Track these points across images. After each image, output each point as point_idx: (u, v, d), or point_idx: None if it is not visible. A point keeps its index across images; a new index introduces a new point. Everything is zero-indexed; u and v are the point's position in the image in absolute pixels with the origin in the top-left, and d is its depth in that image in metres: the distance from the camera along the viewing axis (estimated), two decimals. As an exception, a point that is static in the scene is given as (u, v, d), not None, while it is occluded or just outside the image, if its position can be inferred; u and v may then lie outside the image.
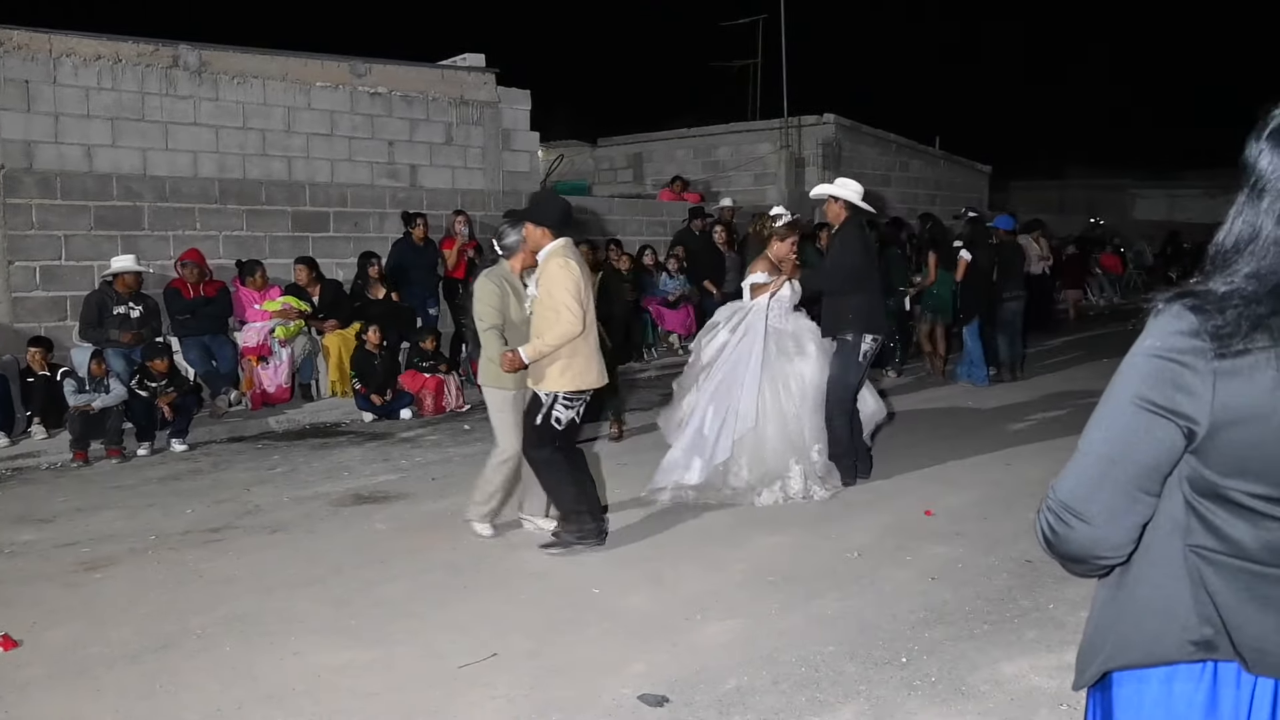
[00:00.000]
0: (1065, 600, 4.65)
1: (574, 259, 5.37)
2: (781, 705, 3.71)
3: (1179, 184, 29.54)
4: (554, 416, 5.39)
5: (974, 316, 10.78)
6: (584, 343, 5.38)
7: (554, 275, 5.30)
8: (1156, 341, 1.49)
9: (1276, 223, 1.47)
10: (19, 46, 9.55)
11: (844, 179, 7.19)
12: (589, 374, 5.44)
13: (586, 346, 5.41)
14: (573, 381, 5.38)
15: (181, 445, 8.34)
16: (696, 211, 13.71)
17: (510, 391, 5.63)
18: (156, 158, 10.38)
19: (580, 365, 5.38)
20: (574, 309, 5.24)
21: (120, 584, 5.19)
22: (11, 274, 9.35)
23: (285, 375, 9.82)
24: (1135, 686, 1.59)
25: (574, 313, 5.24)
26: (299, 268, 10.40)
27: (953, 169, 20.52)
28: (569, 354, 5.34)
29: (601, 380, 5.55)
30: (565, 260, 5.32)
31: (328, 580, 5.18)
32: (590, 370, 5.44)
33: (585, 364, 5.41)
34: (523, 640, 4.36)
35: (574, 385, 5.40)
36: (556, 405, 5.38)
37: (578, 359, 5.37)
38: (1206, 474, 1.49)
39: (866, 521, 6.03)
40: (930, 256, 11.29)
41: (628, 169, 19.70)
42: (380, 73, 11.94)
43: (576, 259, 5.40)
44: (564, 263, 5.30)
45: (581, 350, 5.38)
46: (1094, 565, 1.60)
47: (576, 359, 5.37)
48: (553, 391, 5.39)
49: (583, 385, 5.43)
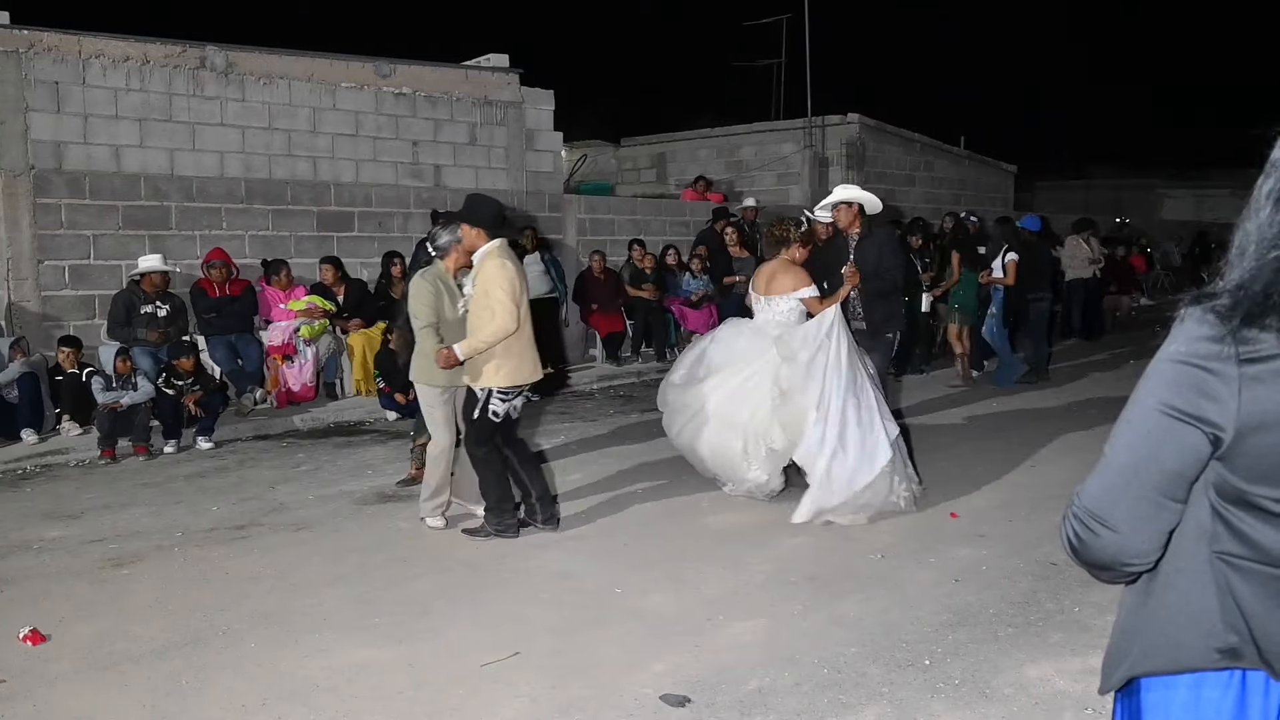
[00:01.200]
0: (1090, 603, 4.62)
1: (509, 259, 5.60)
2: (803, 707, 3.71)
3: (1207, 184, 29.26)
4: (490, 410, 5.61)
5: (1009, 318, 10.70)
6: (517, 339, 5.59)
7: (491, 274, 5.52)
8: (1181, 347, 1.48)
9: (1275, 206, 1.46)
10: (49, 48, 9.66)
11: (843, 186, 7.45)
12: (523, 369, 5.67)
13: (519, 343, 5.62)
14: (507, 377, 5.61)
15: (207, 443, 8.41)
16: (720, 212, 13.69)
17: (439, 388, 5.84)
18: (184, 158, 10.47)
19: (514, 361, 5.61)
20: (509, 307, 5.46)
21: (147, 580, 5.24)
22: (41, 273, 9.45)
23: (310, 374, 9.89)
24: (1162, 692, 1.58)
25: (509, 311, 5.46)
26: (324, 267, 10.47)
27: (977, 169, 20.40)
28: (503, 350, 5.56)
29: (536, 375, 5.76)
30: (502, 260, 5.55)
31: (351, 578, 5.21)
32: (524, 366, 5.67)
33: (519, 360, 5.63)
34: (545, 639, 4.37)
35: (508, 381, 5.62)
36: (492, 400, 5.60)
37: (511, 355, 5.59)
38: (1233, 480, 1.48)
39: (890, 523, 6.00)
40: (954, 256, 11.21)
41: (651, 169, 19.71)
42: (405, 73, 12.00)
43: (512, 259, 5.62)
44: (500, 263, 5.53)
45: (514, 347, 5.59)
46: (1120, 572, 1.59)
47: (510, 355, 5.59)
48: (488, 387, 5.60)
49: (517, 380, 5.66)
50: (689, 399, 6.60)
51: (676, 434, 6.73)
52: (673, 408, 6.76)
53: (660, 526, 6.02)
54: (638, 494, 6.73)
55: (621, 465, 7.57)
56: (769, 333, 6.52)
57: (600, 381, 11.50)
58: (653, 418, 9.13)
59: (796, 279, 6.57)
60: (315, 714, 3.74)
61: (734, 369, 6.48)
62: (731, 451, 6.34)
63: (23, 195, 9.35)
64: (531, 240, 11.82)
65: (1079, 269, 14.48)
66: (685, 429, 6.61)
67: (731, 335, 6.77)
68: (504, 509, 5.76)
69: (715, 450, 6.44)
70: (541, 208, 12.97)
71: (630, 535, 5.86)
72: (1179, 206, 29.07)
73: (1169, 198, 29.80)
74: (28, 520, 6.39)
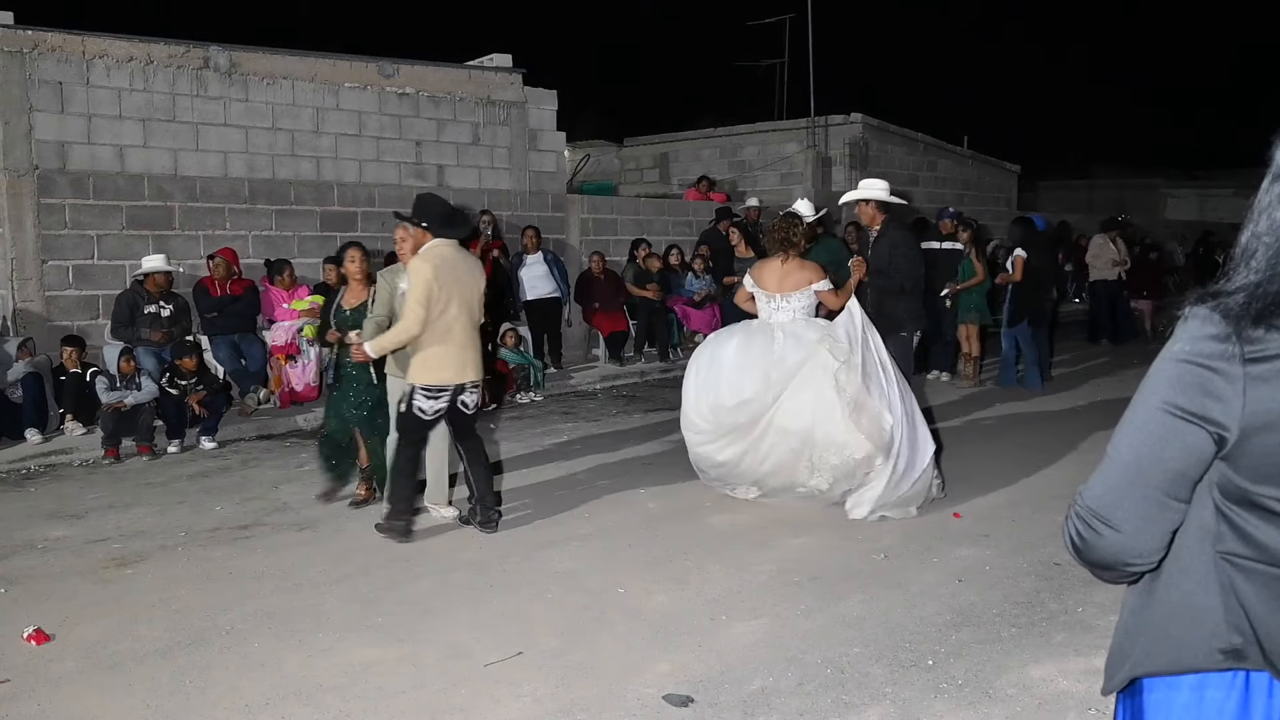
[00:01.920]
0: (1093, 604, 4.61)
1: (438, 262, 5.60)
2: (806, 707, 3.71)
3: (1210, 183, 29.21)
4: (415, 406, 5.69)
5: (1023, 319, 10.63)
6: (438, 340, 5.63)
7: (411, 275, 5.61)
8: (1185, 346, 1.47)
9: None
10: (53, 49, 9.68)
11: (868, 180, 7.27)
12: (445, 370, 5.68)
13: (443, 344, 5.64)
14: (428, 376, 5.67)
15: (211, 443, 8.42)
16: (723, 212, 13.69)
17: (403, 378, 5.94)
18: (187, 158, 10.49)
19: (435, 362, 5.65)
20: (416, 311, 5.52)
21: (151, 580, 5.24)
22: (45, 273, 9.47)
23: (313, 374, 9.89)
24: (1165, 693, 1.57)
25: (414, 315, 5.53)
26: (328, 267, 10.45)
27: (981, 168, 20.38)
28: (425, 350, 5.63)
29: (461, 377, 5.76)
30: (425, 263, 5.58)
31: (354, 578, 5.21)
32: (446, 367, 5.67)
33: (441, 361, 5.65)
34: (548, 639, 4.38)
35: (429, 380, 5.67)
36: (416, 396, 5.68)
37: (432, 356, 5.64)
38: (1237, 480, 1.47)
39: (893, 522, 6.00)
40: (975, 256, 11.10)
41: (654, 169, 19.71)
42: (408, 73, 12.01)
43: (443, 262, 5.63)
44: (422, 265, 5.57)
45: (430, 346, 5.62)
46: (1123, 572, 1.59)
47: (431, 356, 5.64)
48: (412, 383, 5.70)
49: (437, 381, 5.68)
50: (742, 417, 6.29)
51: (740, 455, 6.35)
52: (722, 430, 6.37)
53: (663, 527, 6.02)
54: (640, 494, 6.73)
55: (624, 465, 7.57)
56: (807, 335, 6.36)
57: (603, 381, 11.50)
58: (655, 418, 9.16)
59: (810, 273, 6.57)
60: (319, 713, 3.74)
61: (785, 377, 6.24)
62: (794, 460, 6.22)
63: (27, 195, 9.37)
64: (533, 241, 11.84)
65: (1103, 270, 14.05)
66: (749, 450, 6.30)
67: (763, 343, 6.47)
68: (399, 510, 5.81)
69: (779, 464, 6.27)
70: (544, 208, 12.97)
71: (633, 535, 5.86)
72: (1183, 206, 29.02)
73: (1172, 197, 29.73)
74: (32, 520, 6.40)
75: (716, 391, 6.44)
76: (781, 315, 6.54)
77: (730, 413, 6.34)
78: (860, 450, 6.04)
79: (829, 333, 6.34)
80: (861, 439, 6.02)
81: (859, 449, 6.04)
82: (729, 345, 6.62)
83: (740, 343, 6.57)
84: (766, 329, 6.56)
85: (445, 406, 5.77)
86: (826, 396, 6.11)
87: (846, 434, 6.05)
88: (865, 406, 6.06)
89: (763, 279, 6.64)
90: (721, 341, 6.75)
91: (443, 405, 5.75)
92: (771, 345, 6.42)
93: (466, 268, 5.79)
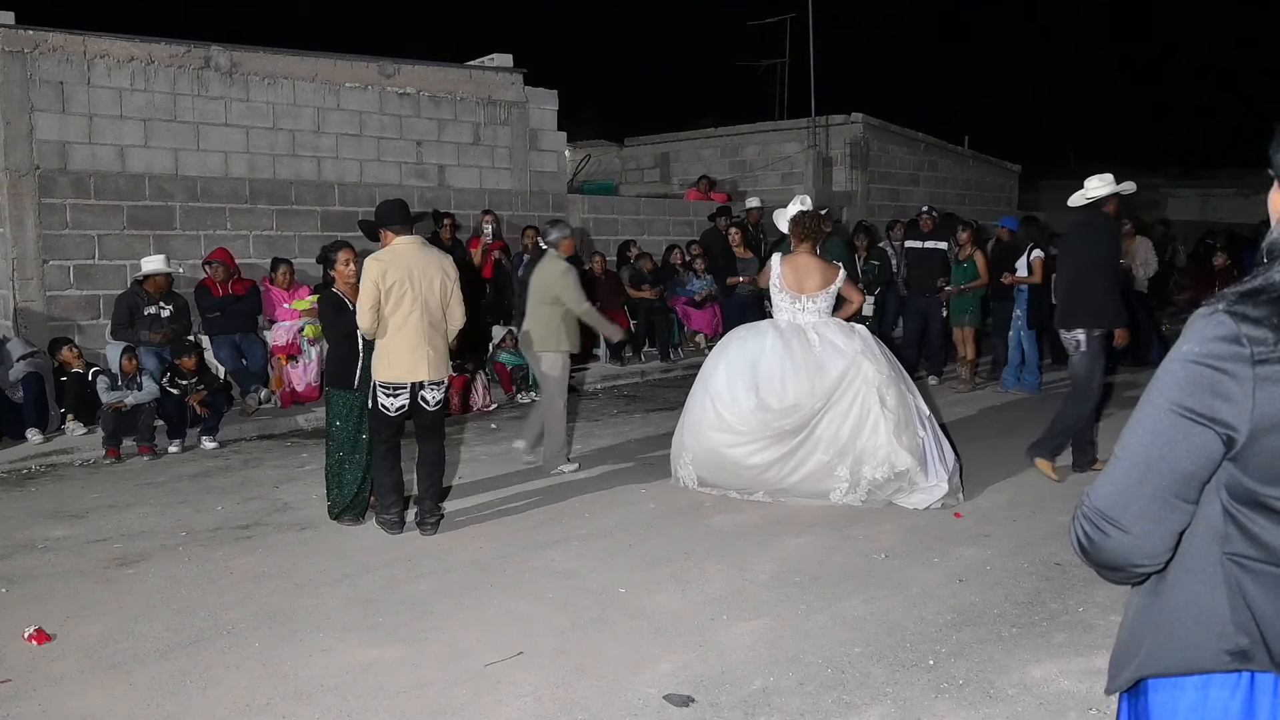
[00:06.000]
0: (1094, 603, 4.61)
1: (386, 261, 5.74)
2: (807, 707, 3.70)
3: (1212, 183, 29.19)
4: (380, 403, 5.87)
5: (1033, 320, 10.56)
6: (392, 337, 5.77)
7: (363, 274, 5.79)
8: (1195, 347, 1.47)
9: None
10: (54, 49, 9.67)
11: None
12: (397, 368, 5.81)
13: (396, 341, 5.78)
14: (384, 373, 5.84)
15: (212, 443, 8.42)
16: (722, 211, 13.68)
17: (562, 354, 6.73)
18: (188, 158, 10.48)
19: (389, 359, 5.81)
20: (362, 309, 5.73)
21: (151, 580, 5.24)
22: (46, 273, 9.47)
23: (314, 374, 9.88)
24: (1170, 694, 1.57)
25: (361, 316, 5.75)
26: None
27: (981, 168, 20.36)
28: (380, 346, 5.82)
29: (413, 375, 5.84)
30: (371, 262, 5.74)
31: (355, 578, 5.21)
32: (399, 365, 5.80)
33: (395, 358, 5.80)
34: (549, 639, 4.37)
35: (384, 376, 5.84)
36: (377, 392, 5.87)
37: (387, 353, 5.81)
38: (1245, 481, 1.47)
39: (894, 522, 6.00)
40: (979, 257, 10.98)
41: (654, 169, 19.69)
42: (409, 73, 12.00)
43: (395, 260, 5.76)
44: (368, 264, 5.74)
45: (385, 343, 5.79)
46: (1130, 573, 1.58)
47: (387, 353, 5.81)
48: (373, 380, 5.91)
49: (392, 378, 5.83)
50: (788, 423, 6.24)
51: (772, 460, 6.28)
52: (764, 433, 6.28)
53: (664, 526, 6.02)
54: (641, 494, 6.73)
55: (625, 465, 7.57)
56: (845, 345, 6.37)
57: (604, 381, 11.50)
58: (655, 417, 9.15)
59: (830, 270, 6.67)
60: (320, 713, 3.74)
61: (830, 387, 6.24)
62: (824, 472, 6.24)
63: (28, 195, 9.37)
64: (533, 241, 11.82)
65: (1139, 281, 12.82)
66: (785, 457, 6.27)
67: (801, 348, 6.41)
68: (386, 503, 5.97)
69: (809, 474, 6.27)
70: (545, 207, 12.97)
71: (634, 535, 5.86)
72: (1184, 206, 28.96)
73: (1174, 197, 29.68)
74: (33, 520, 6.40)
75: (757, 393, 6.36)
76: (807, 316, 6.59)
77: (777, 417, 6.29)
78: (902, 463, 6.14)
79: (865, 342, 6.45)
80: (904, 454, 6.14)
81: (901, 462, 6.14)
82: (763, 344, 6.51)
83: (777, 344, 6.47)
84: (799, 331, 6.53)
85: (406, 404, 5.89)
86: (870, 409, 6.19)
87: (890, 447, 6.14)
88: (907, 423, 6.19)
89: (783, 277, 6.64)
90: (750, 340, 6.63)
91: (403, 402, 5.88)
92: (809, 350, 6.41)
93: (424, 264, 5.85)
